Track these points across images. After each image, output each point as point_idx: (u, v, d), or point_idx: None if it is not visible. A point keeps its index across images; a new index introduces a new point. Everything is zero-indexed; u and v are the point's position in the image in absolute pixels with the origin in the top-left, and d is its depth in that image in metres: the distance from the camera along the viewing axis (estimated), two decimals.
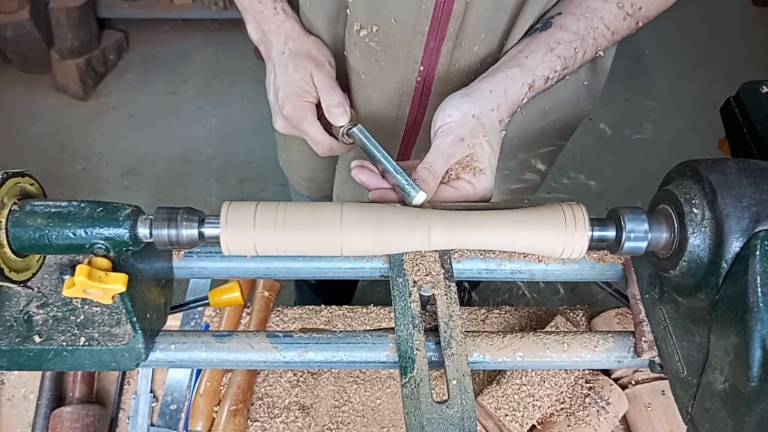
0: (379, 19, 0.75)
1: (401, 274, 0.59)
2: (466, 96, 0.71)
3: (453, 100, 0.71)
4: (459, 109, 0.69)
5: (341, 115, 0.76)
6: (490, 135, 0.70)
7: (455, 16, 0.73)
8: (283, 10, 0.81)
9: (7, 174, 0.52)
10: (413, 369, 0.53)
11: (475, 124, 0.69)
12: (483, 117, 0.70)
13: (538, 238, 0.57)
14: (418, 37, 0.76)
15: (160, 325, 0.63)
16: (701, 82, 2.80)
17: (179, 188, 2.44)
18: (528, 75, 0.72)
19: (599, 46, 0.76)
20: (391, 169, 0.66)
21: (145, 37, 3.02)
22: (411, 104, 0.86)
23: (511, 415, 0.87)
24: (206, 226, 0.55)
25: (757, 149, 0.81)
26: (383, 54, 0.79)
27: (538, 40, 0.74)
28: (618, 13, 0.75)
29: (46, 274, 0.57)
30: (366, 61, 0.81)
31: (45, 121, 2.68)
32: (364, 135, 0.72)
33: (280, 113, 0.81)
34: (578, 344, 0.61)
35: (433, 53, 0.78)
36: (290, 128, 0.82)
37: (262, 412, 0.95)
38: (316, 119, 0.79)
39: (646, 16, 0.77)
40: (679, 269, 0.53)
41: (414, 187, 0.63)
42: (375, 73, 0.82)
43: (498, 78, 0.72)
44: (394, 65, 0.80)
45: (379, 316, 1.05)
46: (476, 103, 0.70)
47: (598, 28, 0.74)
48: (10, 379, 0.98)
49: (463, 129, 0.68)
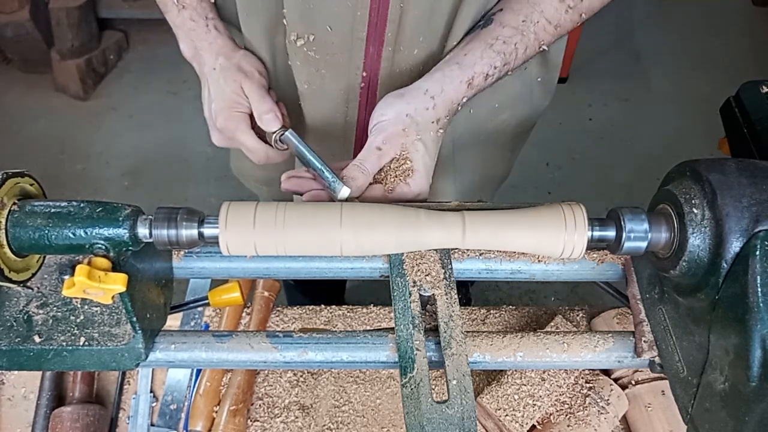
0: (315, 28, 0.75)
1: (401, 274, 0.59)
2: (400, 96, 0.72)
3: (387, 100, 0.72)
4: (393, 108, 0.70)
5: (272, 121, 0.77)
6: (424, 134, 0.70)
7: (391, 20, 0.74)
8: (215, 27, 0.82)
9: (7, 174, 0.52)
10: (413, 369, 0.53)
11: (408, 122, 0.70)
12: (417, 116, 0.70)
13: (538, 238, 0.57)
14: (357, 43, 0.76)
15: (160, 325, 0.63)
16: (701, 82, 2.79)
17: (179, 188, 2.44)
18: (466, 72, 0.72)
19: (542, 41, 0.76)
20: (318, 166, 0.68)
21: (145, 37, 3.02)
22: (358, 109, 0.86)
23: (511, 415, 0.87)
24: (206, 227, 0.55)
25: (757, 149, 0.81)
26: (323, 62, 0.79)
27: (478, 37, 0.75)
28: (559, 6, 0.75)
29: (46, 274, 0.57)
30: (307, 70, 0.81)
31: (45, 121, 2.67)
32: (295, 138, 0.74)
33: (214, 126, 0.82)
34: (578, 344, 0.61)
35: (374, 58, 0.79)
36: (226, 140, 0.83)
37: (262, 412, 0.95)
38: (250, 128, 0.79)
39: (590, 8, 0.77)
40: (679, 269, 0.53)
41: (338, 182, 0.65)
42: (318, 81, 0.82)
43: (436, 77, 0.72)
44: (336, 73, 0.81)
45: (379, 316, 1.05)
46: (410, 102, 0.71)
47: (539, 23, 0.74)
48: (10, 379, 0.98)
49: (395, 127, 0.69)
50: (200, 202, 2.36)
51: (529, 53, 0.76)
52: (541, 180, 2.46)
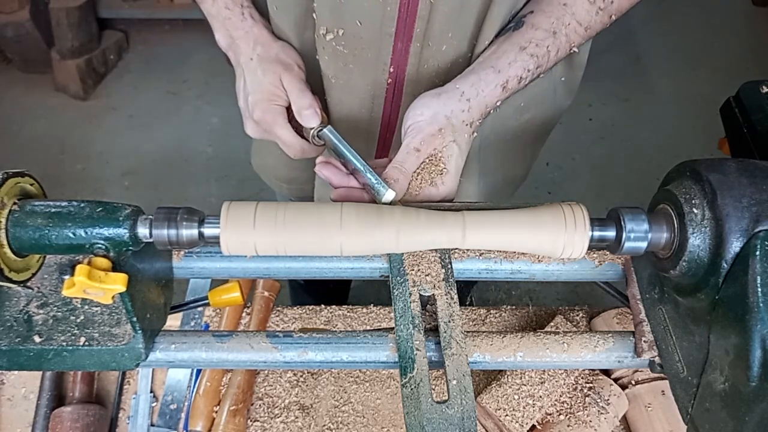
0: (345, 23, 0.75)
1: (401, 274, 0.59)
2: (436, 96, 0.71)
3: (424, 99, 0.71)
4: (429, 108, 0.70)
5: (312, 117, 0.76)
6: (458, 136, 0.70)
7: (421, 16, 0.73)
8: (251, 15, 0.81)
9: (7, 174, 0.52)
10: (413, 369, 0.53)
11: (444, 123, 0.69)
12: (453, 118, 0.70)
13: (538, 238, 0.57)
14: (386, 39, 0.76)
15: (160, 325, 0.63)
16: (701, 82, 2.79)
17: (179, 188, 2.44)
18: (502, 76, 0.72)
19: (572, 43, 0.76)
20: (360, 167, 0.67)
21: (145, 37, 3.02)
22: (384, 106, 0.86)
23: (511, 415, 0.87)
24: (206, 226, 0.55)
25: (757, 149, 0.81)
26: (351, 57, 0.79)
27: (510, 40, 0.74)
28: (590, 8, 0.74)
29: (46, 274, 0.57)
30: (335, 65, 0.81)
31: (45, 121, 2.67)
32: (334, 136, 0.73)
33: (250, 118, 0.81)
34: (578, 344, 0.61)
35: (402, 54, 0.78)
36: (261, 132, 0.82)
37: (262, 412, 0.95)
38: (287, 122, 0.79)
39: (619, 9, 0.77)
40: (679, 269, 0.53)
41: (383, 186, 0.64)
42: (345, 76, 0.82)
43: (471, 80, 0.72)
44: (363, 68, 0.80)
45: (379, 316, 1.05)
46: (447, 104, 0.70)
47: (570, 25, 0.74)
48: (10, 379, 0.98)
49: (432, 128, 0.69)
50: (200, 202, 2.36)
51: (560, 55, 0.75)
52: (541, 180, 2.46)
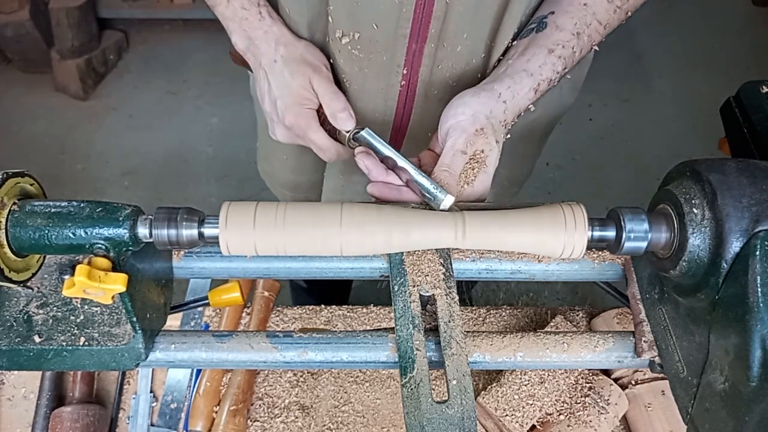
0: (362, 26, 0.74)
1: (401, 274, 0.59)
2: (476, 95, 0.70)
3: (463, 98, 0.70)
4: (470, 107, 0.69)
5: (348, 120, 0.74)
6: (498, 136, 0.70)
7: (436, 16, 0.73)
8: (269, 14, 0.79)
9: (7, 174, 0.52)
10: (413, 369, 0.53)
11: (485, 123, 0.68)
12: (492, 118, 0.69)
13: (538, 238, 0.57)
14: (401, 41, 0.75)
15: (160, 325, 0.63)
16: (701, 82, 2.79)
17: (179, 188, 2.44)
18: (534, 80, 0.72)
19: (593, 42, 0.76)
20: (412, 172, 0.64)
21: (145, 37, 3.02)
22: (396, 109, 0.85)
23: (511, 415, 0.87)
24: (206, 226, 0.55)
25: (757, 149, 0.81)
26: (366, 61, 0.78)
27: (536, 42, 0.74)
28: (608, 6, 0.75)
29: (46, 274, 0.57)
30: (350, 68, 0.80)
31: (45, 121, 2.67)
32: (373, 138, 0.70)
33: (281, 123, 0.79)
34: (578, 344, 0.61)
35: (416, 56, 0.77)
36: (293, 137, 0.80)
37: (262, 412, 0.95)
38: (320, 126, 0.77)
39: (634, 6, 0.77)
40: (679, 269, 0.53)
41: (441, 191, 0.61)
42: (359, 80, 0.81)
43: (507, 83, 0.71)
44: (377, 71, 0.79)
45: (379, 316, 1.05)
46: (486, 103, 0.69)
47: (592, 25, 0.74)
48: (10, 379, 0.98)
49: (474, 127, 0.68)
50: (200, 202, 2.36)
51: (582, 55, 0.75)
52: (541, 180, 2.46)
